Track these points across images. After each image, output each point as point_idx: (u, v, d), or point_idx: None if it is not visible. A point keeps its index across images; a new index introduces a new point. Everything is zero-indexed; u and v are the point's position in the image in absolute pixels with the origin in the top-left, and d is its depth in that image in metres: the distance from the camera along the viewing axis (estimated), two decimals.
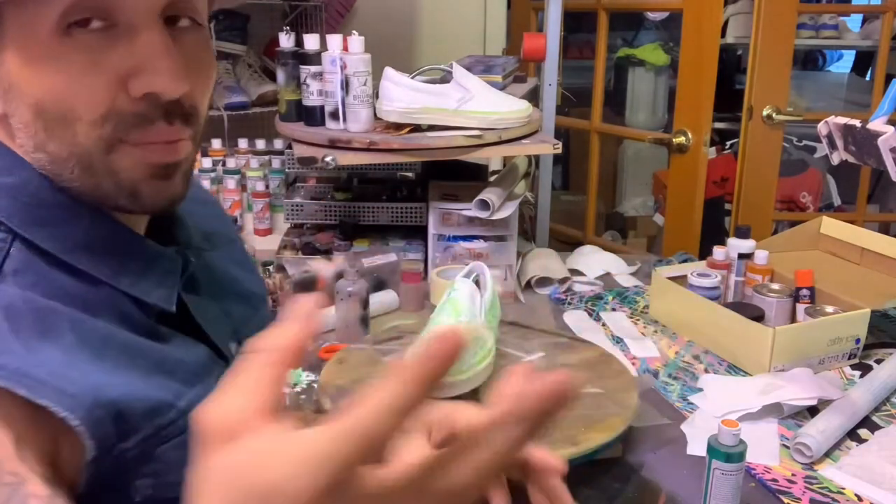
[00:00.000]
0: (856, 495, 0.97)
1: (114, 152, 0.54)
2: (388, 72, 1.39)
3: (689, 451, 1.06)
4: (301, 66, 1.48)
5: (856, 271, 1.55)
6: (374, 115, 1.43)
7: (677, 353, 1.35)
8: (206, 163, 1.95)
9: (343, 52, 1.41)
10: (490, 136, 1.42)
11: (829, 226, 1.63)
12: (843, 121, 1.04)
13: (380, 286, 1.49)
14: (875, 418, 1.14)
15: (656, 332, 1.43)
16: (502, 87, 1.61)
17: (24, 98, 0.53)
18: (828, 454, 1.05)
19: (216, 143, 2.04)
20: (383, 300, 1.47)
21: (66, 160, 0.54)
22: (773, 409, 1.14)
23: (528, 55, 1.80)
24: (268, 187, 1.88)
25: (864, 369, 1.28)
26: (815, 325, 1.28)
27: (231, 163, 1.96)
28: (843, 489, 0.98)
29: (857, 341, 1.31)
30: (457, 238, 1.53)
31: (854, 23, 2.96)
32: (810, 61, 3.70)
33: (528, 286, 1.61)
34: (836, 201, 2.87)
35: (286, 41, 1.53)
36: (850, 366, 1.31)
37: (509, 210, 1.49)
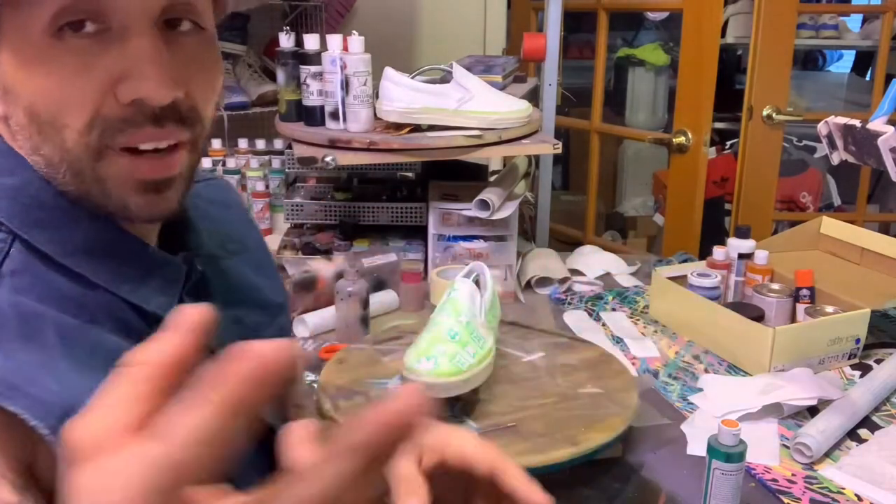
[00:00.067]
0: (856, 495, 0.97)
1: (102, 160, 0.53)
2: (388, 72, 1.39)
3: (689, 451, 1.06)
4: (301, 66, 1.48)
5: (856, 271, 1.55)
6: (374, 115, 1.43)
7: (677, 353, 1.35)
8: (206, 163, 1.95)
9: (343, 52, 1.41)
10: (490, 136, 1.42)
11: (829, 226, 1.63)
12: (843, 121, 1.04)
13: (380, 286, 1.49)
14: (875, 418, 1.15)
15: (656, 332, 1.43)
16: (502, 87, 1.61)
17: (18, 100, 0.52)
18: (828, 454, 1.05)
19: (216, 143, 2.04)
20: (383, 300, 1.47)
21: (58, 164, 0.54)
22: (773, 409, 1.14)
23: (528, 55, 1.80)
24: (268, 187, 1.87)
25: (864, 369, 1.28)
26: (815, 325, 1.28)
27: (231, 163, 1.96)
28: (843, 489, 0.98)
29: (857, 341, 1.31)
30: (457, 238, 1.53)
31: (854, 23, 2.96)
32: (810, 61, 3.70)
33: (528, 286, 1.61)
34: (836, 201, 2.87)
35: (286, 41, 1.53)
36: (850, 366, 1.31)
37: (509, 210, 1.49)
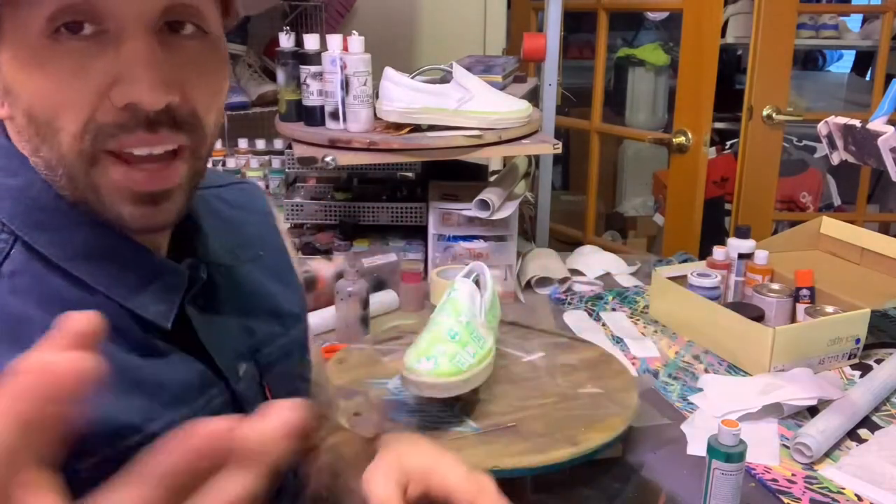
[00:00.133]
0: (856, 495, 0.97)
1: (95, 166, 0.52)
2: (388, 72, 1.39)
3: (689, 451, 1.06)
4: (301, 66, 1.48)
5: (856, 271, 1.55)
6: (374, 115, 1.43)
7: (677, 353, 1.35)
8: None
9: (343, 52, 1.41)
10: (490, 136, 1.42)
11: (829, 226, 1.63)
12: (843, 121, 1.04)
13: (380, 286, 1.49)
14: (875, 418, 1.15)
15: (656, 332, 1.43)
16: (502, 87, 1.61)
17: (18, 102, 0.52)
18: (828, 454, 1.05)
19: (216, 143, 2.04)
20: (383, 300, 1.47)
21: (55, 168, 0.53)
22: (773, 409, 1.14)
23: (528, 55, 1.80)
24: (268, 187, 1.87)
25: (864, 369, 1.28)
26: (815, 325, 1.28)
27: (231, 163, 1.96)
28: (843, 489, 0.98)
29: (857, 341, 1.31)
30: (457, 238, 1.53)
31: (854, 23, 2.96)
32: (810, 61, 3.70)
33: (528, 286, 1.61)
34: (836, 201, 2.87)
35: (286, 41, 1.52)
36: (850, 366, 1.31)
37: (509, 210, 1.49)
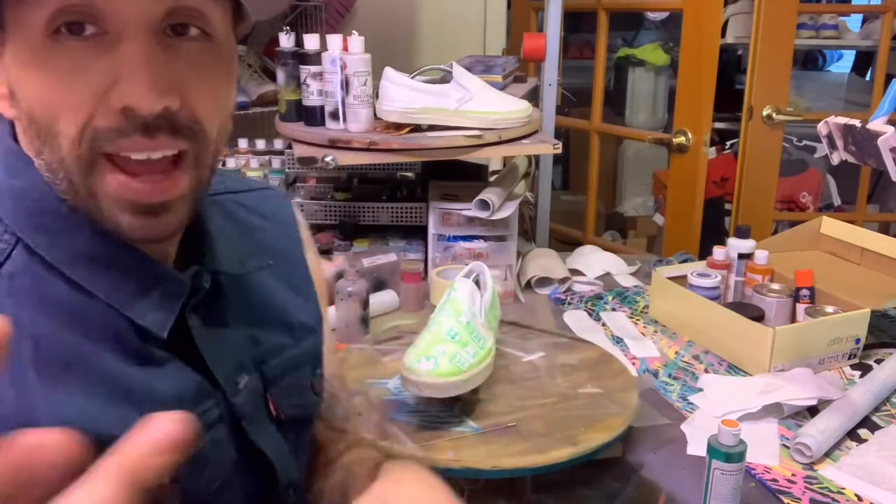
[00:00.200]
0: (856, 495, 0.97)
1: (93, 172, 0.52)
2: (388, 72, 1.39)
3: (689, 451, 1.06)
4: (301, 66, 1.48)
5: (856, 271, 1.55)
6: (374, 115, 1.43)
7: (677, 353, 1.35)
8: None
9: (343, 52, 1.41)
10: (490, 136, 1.42)
11: (829, 226, 1.63)
12: (843, 121, 1.04)
13: (380, 286, 1.49)
14: (875, 418, 1.14)
15: (656, 332, 1.43)
16: (502, 87, 1.61)
17: (20, 103, 0.52)
18: (828, 454, 1.05)
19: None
20: (383, 300, 1.47)
21: (56, 171, 0.52)
22: (773, 409, 1.14)
23: (528, 55, 1.80)
24: None
25: (864, 369, 1.28)
26: (815, 325, 1.28)
27: (231, 163, 1.95)
28: (843, 489, 0.98)
29: (857, 341, 1.31)
30: (457, 238, 1.53)
31: (854, 23, 2.96)
32: (810, 61, 3.70)
33: (528, 286, 1.61)
34: (836, 201, 2.87)
35: (286, 41, 1.52)
36: (850, 366, 1.31)
37: (509, 210, 1.49)
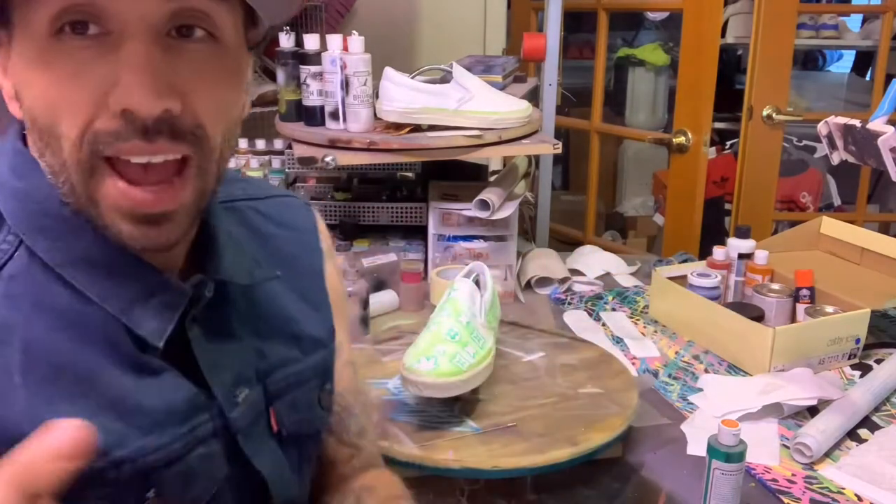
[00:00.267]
0: (856, 495, 0.97)
1: (94, 177, 0.51)
2: (388, 72, 1.39)
3: (689, 451, 1.06)
4: (301, 66, 1.47)
5: (856, 271, 1.55)
6: (374, 115, 1.43)
7: (677, 353, 1.35)
8: None
9: (343, 52, 1.41)
10: (490, 136, 1.42)
11: (829, 226, 1.63)
12: (843, 121, 1.04)
13: (380, 286, 1.49)
14: (875, 418, 1.15)
15: (656, 332, 1.43)
16: (502, 87, 1.61)
17: (24, 104, 0.51)
18: (828, 454, 1.05)
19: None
20: (383, 300, 1.47)
21: (58, 174, 0.52)
22: (773, 409, 1.14)
23: (528, 55, 1.80)
24: None
25: (864, 369, 1.28)
26: (815, 325, 1.28)
27: (231, 163, 1.95)
28: (843, 489, 0.98)
29: (857, 341, 1.31)
30: (457, 238, 1.53)
31: (854, 23, 2.96)
32: (810, 61, 3.70)
33: (528, 286, 1.61)
34: (836, 201, 2.87)
35: (286, 41, 1.52)
36: (850, 366, 1.31)
37: (509, 210, 1.48)
